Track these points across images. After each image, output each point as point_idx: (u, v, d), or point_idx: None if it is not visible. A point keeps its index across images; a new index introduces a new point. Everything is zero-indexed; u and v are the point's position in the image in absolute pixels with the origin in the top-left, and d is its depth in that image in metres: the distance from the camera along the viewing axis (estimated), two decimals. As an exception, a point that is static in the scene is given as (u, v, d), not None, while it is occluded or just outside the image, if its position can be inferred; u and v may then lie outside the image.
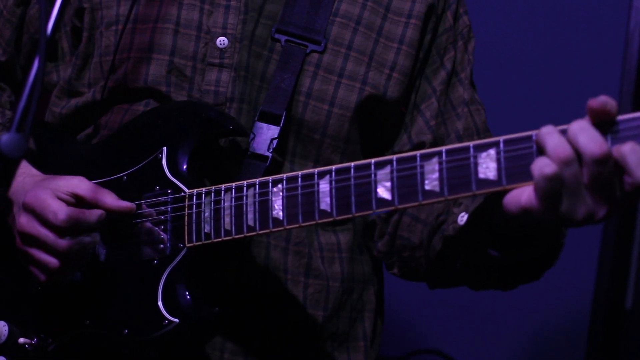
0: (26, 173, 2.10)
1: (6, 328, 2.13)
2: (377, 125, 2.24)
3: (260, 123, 2.11)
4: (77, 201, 1.99)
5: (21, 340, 2.12)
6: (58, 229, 1.94)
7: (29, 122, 1.54)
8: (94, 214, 1.97)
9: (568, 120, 3.79)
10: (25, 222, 1.97)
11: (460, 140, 2.23)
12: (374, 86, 2.18)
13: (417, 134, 2.24)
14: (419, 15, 2.22)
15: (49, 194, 1.97)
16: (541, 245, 1.85)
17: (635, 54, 3.56)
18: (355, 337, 2.25)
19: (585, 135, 1.60)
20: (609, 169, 1.58)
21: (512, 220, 1.72)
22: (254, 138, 2.10)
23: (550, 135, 1.62)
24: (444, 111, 2.25)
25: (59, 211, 1.94)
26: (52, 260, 1.97)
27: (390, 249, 2.24)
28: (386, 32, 2.21)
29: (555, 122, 3.73)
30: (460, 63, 2.28)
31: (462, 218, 1.99)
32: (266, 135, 2.10)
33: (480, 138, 2.25)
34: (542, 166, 1.61)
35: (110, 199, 2.00)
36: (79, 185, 2.00)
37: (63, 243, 1.95)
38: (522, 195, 1.66)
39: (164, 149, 2.06)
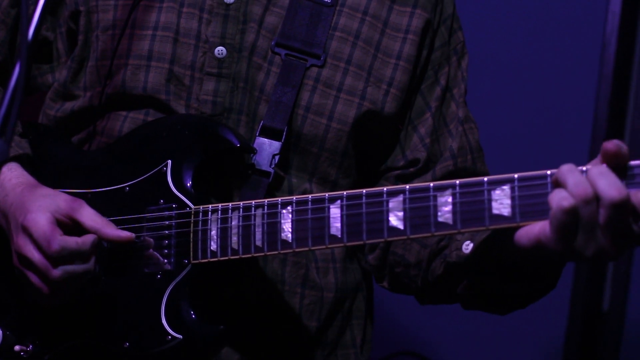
0: (24, 183, 2.07)
1: (0, 333, 2.12)
2: (373, 141, 2.24)
3: (262, 138, 2.11)
4: (75, 225, 1.99)
5: (17, 347, 2.10)
6: (50, 258, 1.94)
7: (11, 127, 1.53)
8: (88, 241, 1.96)
9: (543, 124, 3.77)
10: (22, 244, 1.97)
11: (454, 159, 2.24)
12: (372, 102, 2.18)
13: (412, 150, 2.24)
14: (416, 31, 2.21)
15: (48, 219, 1.96)
16: (546, 279, 1.89)
17: (611, 58, 3.57)
18: (344, 344, 2.26)
19: (606, 179, 1.63)
20: (625, 213, 1.62)
21: (521, 253, 1.74)
22: (256, 153, 2.10)
23: (571, 173, 1.65)
24: (438, 128, 2.25)
25: (53, 240, 1.94)
26: (43, 287, 1.97)
27: (381, 263, 2.25)
28: (384, 48, 2.21)
29: (532, 126, 3.72)
30: (454, 79, 2.29)
31: (467, 247, 2.00)
32: (268, 150, 2.11)
33: (473, 157, 2.27)
34: (561, 199, 1.63)
35: (110, 230, 1.99)
36: (80, 211, 2.00)
37: (54, 273, 1.95)
38: (535, 227, 1.69)
39: (169, 162, 2.06)
